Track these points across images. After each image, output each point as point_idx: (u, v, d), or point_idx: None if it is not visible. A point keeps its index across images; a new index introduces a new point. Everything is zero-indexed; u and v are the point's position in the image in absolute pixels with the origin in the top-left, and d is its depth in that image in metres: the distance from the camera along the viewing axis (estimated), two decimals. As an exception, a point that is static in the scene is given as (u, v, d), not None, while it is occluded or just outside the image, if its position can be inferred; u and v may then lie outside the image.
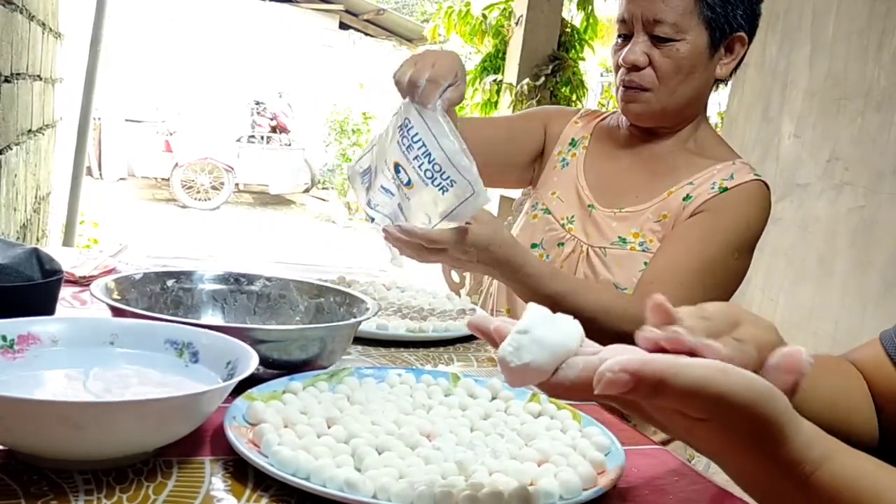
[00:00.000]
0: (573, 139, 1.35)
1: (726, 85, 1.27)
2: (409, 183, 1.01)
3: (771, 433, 0.44)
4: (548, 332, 0.50)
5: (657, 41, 1.16)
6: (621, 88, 1.21)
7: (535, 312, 0.53)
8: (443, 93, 0.99)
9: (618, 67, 1.21)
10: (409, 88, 0.99)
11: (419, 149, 1.00)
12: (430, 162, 0.99)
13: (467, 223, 1.02)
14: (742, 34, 1.19)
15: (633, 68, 1.17)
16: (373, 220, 1.08)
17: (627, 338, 0.53)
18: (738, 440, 0.45)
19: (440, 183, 0.99)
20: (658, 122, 1.24)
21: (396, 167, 1.03)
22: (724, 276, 1.17)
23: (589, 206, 1.26)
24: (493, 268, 1.06)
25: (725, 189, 1.18)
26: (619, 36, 1.21)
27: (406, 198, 1.03)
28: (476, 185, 0.97)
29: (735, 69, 1.23)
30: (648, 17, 1.14)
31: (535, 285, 1.06)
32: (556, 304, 1.04)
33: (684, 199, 1.19)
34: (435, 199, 0.99)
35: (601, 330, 1.02)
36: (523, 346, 0.50)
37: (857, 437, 0.77)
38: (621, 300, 1.11)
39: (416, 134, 1.00)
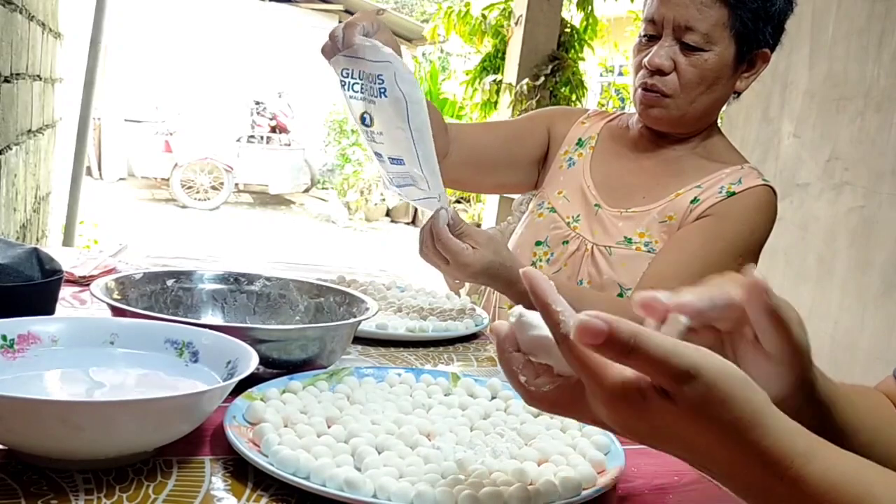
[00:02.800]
0: (580, 139, 1.35)
1: (738, 97, 1.25)
2: (371, 122, 1.03)
3: (751, 423, 0.43)
4: None
5: (685, 48, 1.13)
6: (640, 90, 1.19)
7: None
8: (364, 33, 1.01)
9: (639, 67, 1.18)
10: (332, 44, 1.01)
11: (359, 77, 1.01)
12: (369, 79, 1.01)
13: (471, 245, 1.03)
14: (766, 50, 1.18)
15: (658, 72, 1.15)
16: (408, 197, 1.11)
17: None
18: (715, 428, 0.44)
19: (379, 88, 1.00)
20: (674, 128, 1.23)
21: (362, 118, 1.04)
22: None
23: (595, 205, 1.26)
24: (490, 282, 1.08)
25: (733, 193, 1.17)
26: (645, 36, 1.18)
27: (379, 138, 1.05)
28: (396, 61, 0.98)
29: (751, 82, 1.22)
30: (680, 22, 1.12)
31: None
32: None
33: (692, 202, 1.19)
34: (388, 110, 1.01)
35: None
36: None
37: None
38: (617, 307, 1.10)
39: (351, 71, 1.02)
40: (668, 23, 1.13)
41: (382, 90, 1.00)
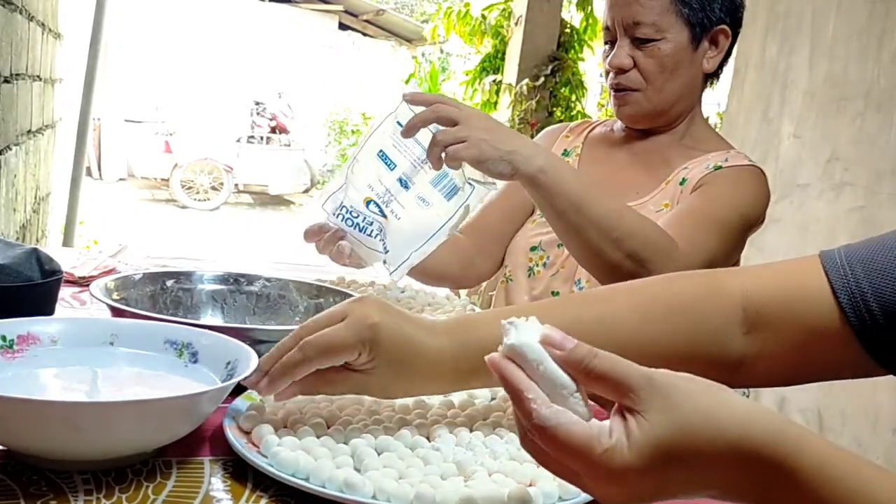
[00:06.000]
0: (565, 150, 1.36)
1: (718, 80, 1.28)
2: (407, 181, 1.02)
3: (718, 418, 0.45)
4: None
5: (640, 43, 1.18)
6: (612, 92, 1.24)
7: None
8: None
9: (608, 73, 1.23)
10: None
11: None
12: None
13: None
14: (724, 27, 1.20)
15: (620, 71, 1.20)
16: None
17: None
18: (697, 440, 0.45)
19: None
20: (651, 122, 1.25)
21: (367, 202, 1.04)
22: (730, 236, 1.13)
23: None
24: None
25: (720, 167, 1.18)
26: (606, 43, 1.24)
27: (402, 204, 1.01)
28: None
29: (724, 62, 1.24)
30: (628, 20, 1.17)
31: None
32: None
33: (680, 184, 1.20)
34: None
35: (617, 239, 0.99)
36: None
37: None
38: (646, 223, 1.04)
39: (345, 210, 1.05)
40: (619, 24, 1.19)
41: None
